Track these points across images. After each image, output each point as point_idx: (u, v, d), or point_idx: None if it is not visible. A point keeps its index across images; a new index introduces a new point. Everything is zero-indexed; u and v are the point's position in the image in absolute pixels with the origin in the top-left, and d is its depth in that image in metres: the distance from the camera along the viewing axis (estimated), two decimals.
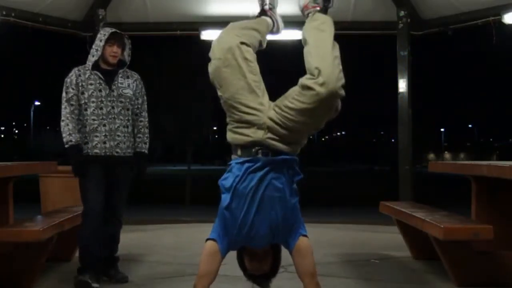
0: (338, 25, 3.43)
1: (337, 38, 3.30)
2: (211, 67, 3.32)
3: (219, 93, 3.31)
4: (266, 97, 3.30)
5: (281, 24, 3.63)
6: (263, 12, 3.58)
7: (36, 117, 64.51)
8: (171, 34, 9.06)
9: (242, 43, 3.29)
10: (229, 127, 3.34)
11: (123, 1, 8.48)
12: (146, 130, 4.88)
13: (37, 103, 64.48)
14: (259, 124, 3.22)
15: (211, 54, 3.32)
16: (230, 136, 3.33)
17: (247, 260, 3.38)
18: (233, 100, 3.25)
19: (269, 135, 3.22)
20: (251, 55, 3.31)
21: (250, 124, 3.23)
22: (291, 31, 8.23)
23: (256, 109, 3.23)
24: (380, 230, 7.64)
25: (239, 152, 3.28)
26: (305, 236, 3.32)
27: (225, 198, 3.27)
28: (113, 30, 4.77)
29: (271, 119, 3.21)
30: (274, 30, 3.60)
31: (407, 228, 5.48)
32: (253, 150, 3.23)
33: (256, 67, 3.31)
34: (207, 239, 3.31)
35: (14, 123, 76.50)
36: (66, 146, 4.59)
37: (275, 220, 3.23)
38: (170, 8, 8.58)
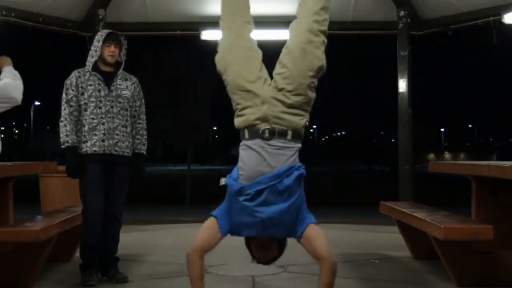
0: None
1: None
2: (217, 56, 3.49)
3: (224, 78, 3.44)
4: (266, 70, 3.43)
5: None
6: None
7: (36, 117, 64.51)
8: (171, 34, 9.06)
9: (246, 22, 3.52)
10: (236, 114, 3.42)
11: (123, 1, 8.48)
12: (144, 132, 4.93)
13: (37, 103, 64.47)
14: (263, 97, 3.31)
15: (219, 47, 3.51)
16: (237, 121, 3.41)
17: (254, 249, 3.44)
18: (237, 77, 3.37)
19: (274, 107, 3.29)
20: (251, 33, 3.52)
21: (254, 98, 3.32)
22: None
23: (258, 80, 3.35)
24: (380, 230, 7.63)
25: (246, 135, 3.34)
26: (314, 223, 3.38)
27: (232, 186, 3.32)
28: (110, 30, 4.85)
29: (273, 88, 3.33)
30: None
31: (407, 228, 5.48)
32: (260, 131, 3.29)
33: (255, 43, 3.50)
34: (210, 215, 3.39)
35: (14, 123, 76.43)
36: (62, 146, 4.69)
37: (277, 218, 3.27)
38: (170, 8, 8.58)
